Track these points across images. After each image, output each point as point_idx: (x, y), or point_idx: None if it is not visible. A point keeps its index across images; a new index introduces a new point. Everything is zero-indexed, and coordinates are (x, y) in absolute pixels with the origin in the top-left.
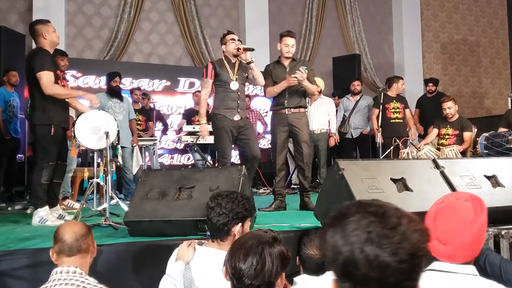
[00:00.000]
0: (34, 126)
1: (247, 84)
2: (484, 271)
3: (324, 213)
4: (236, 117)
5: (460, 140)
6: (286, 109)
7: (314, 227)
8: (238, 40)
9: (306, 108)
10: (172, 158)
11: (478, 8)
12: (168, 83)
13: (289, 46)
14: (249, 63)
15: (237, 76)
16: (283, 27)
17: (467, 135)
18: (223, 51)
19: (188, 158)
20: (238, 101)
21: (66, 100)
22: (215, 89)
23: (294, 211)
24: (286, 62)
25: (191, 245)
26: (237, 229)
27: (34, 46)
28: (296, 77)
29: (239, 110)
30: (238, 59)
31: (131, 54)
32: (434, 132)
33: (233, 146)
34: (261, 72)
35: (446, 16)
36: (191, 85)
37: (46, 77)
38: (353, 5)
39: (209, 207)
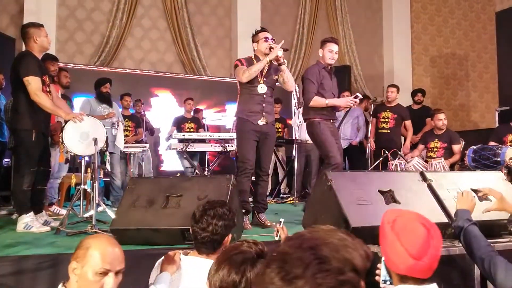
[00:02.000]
0: (15, 131)
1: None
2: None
3: (312, 224)
4: (261, 122)
5: (448, 153)
6: (331, 120)
7: None
8: (272, 39)
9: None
10: None
11: (467, 22)
12: None
13: (333, 52)
14: (280, 64)
15: (265, 79)
16: (275, 37)
17: (456, 147)
18: (254, 49)
19: None
20: (264, 105)
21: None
22: (240, 90)
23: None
24: (328, 69)
25: (176, 255)
26: (227, 241)
27: (24, 48)
28: (353, 102)
29: (264, 114)
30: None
31: (122, 60)
32: (420, 147)
33: None
34: (307, 78)
35: (436, 30)
36: None
37: (33, 83)
38: (344, 17)
39: (200, 228)
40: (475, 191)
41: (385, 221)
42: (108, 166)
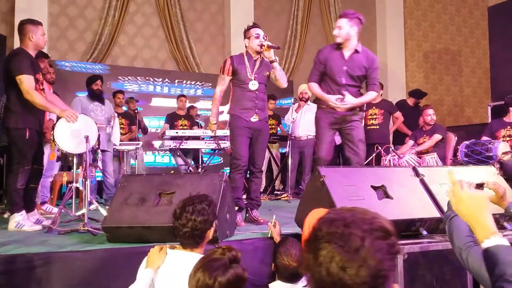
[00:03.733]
0: (8, 130)
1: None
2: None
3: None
4: (254, 118)
5: (438, 146)
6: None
7: (294, 233)
8: (264, 36)
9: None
10: None
11: (460, 18)
12: None
13: (336, 28)
14: (272, 61)
15: (256, 75)
16: (268, 33)
17: (436, 136)
18: (245, 46)
19: None
20: (256, 101)
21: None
22: (232, 87)
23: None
24: (344, 50)
25: (162, 249)
26: (210, 234)
27: (15, 45)
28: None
29: (257, 110)
30: (260, 56)
31: (115, 57)
32: (409, 142)
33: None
34: (314, 58)
35: (429, 26)
36: None
37: (26, 82)
38: (338, 13)
39: (180, 224)
40: (481, 184)
41: (307, 223)
42: (100, 164)
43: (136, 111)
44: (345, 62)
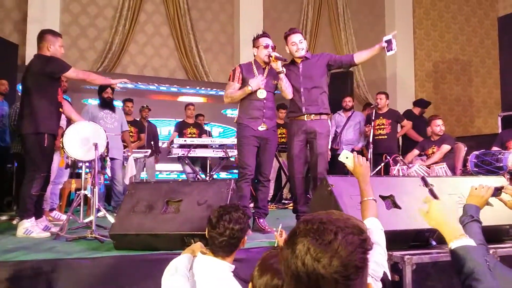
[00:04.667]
0: (24, 136)
1: None
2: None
3: None
4: (261, 127)
5: (447, 157)
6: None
7: None
8: (273, 46)
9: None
10: None
11: (470, 28)
12: None
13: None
14: (279, 73)
15: (264, 84)
16: (277, 43)
17: (444, 147)
18: (254, 55)
19: None
20: (264, 110)
21: (61, 110)
22: None
23: None
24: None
25: (203, 249)
26: (243, 243)
27: (27, 54)
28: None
29: (264, 119)
30: (268, 64)
31: (125, 66)
32: (415, 151)
33: None
34: None
35: (439, 35)
36: None
37: (78, 71)
38: (346, 23)
39: (217, 233)
40: (500, 187)
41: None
42: (108, 171)
43: (148, 120)
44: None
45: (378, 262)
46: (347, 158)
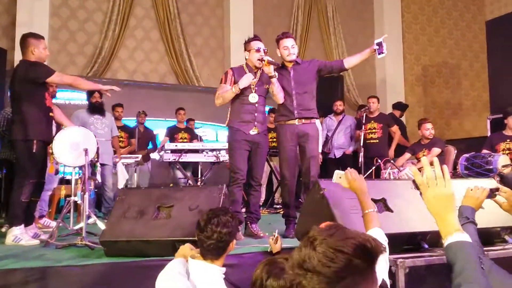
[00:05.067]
0: (15, 142)
1: None
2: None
3: (305, 233)
4: (253, 131)
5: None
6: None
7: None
8: (264, 50)
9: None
10: None
11: (459, 32)
12: None
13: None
14: (271, 77)
15: (256, 88)
16: (268, 47)
17: (435, 150)
18: (245, 58)
19: None
20: (256, 114)
21: (51, 114)
22: (231, 100)
23: None
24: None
25: (194, 250)
26: (232, 246)
27: (16, 59)
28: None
29: (256, 123)
30: (260, 68)
31: (115, 71)
32: (406, 155)
33: None
34: None
35: (427, 40)
36: None
37: (62, 76)
38: (336, 27)
39: (205, 236)
40: (495, 189)
41: None
42: (98, 177)
43: (144, 126)
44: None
45: (379, 270)
46: (340, 178)
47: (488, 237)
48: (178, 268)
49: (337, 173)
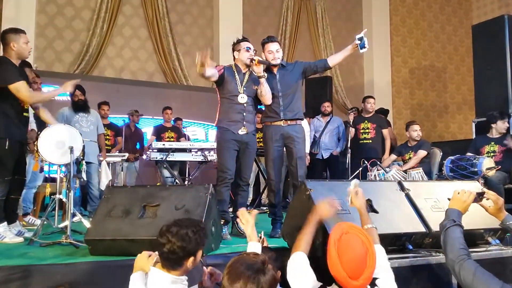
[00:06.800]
0: None
1: None
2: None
3: (291, 234)
4: (242, 131)
5: (423, 162)
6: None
7: (281, 247)
8: (254, 50)
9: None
10: None
11: (445, 36)
12: None
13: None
14: (260, 77)
15: (245, 88)
16: (257, 47)
17: (421, 152)
18: (234, 58)
19: None
20: (244, 113)
21: (37, 111)
22: (220, 100)
23: None
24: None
25: (151, 256)
26: (189, 263)
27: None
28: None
29: (245, 123)
30: (249, 69)
31: (102, 68)
32: (392, 156)
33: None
34: None
35: (415, 43)
36: None
37: (23, 88)
38: (325, 28)
39: (161, 242)
40: (481, 193)
41: (332, 240)
42: (84, 175)
43: (136, 126)
44: None
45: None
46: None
47: (471, 238)
48: (136, 286)
49: (355, 183)
